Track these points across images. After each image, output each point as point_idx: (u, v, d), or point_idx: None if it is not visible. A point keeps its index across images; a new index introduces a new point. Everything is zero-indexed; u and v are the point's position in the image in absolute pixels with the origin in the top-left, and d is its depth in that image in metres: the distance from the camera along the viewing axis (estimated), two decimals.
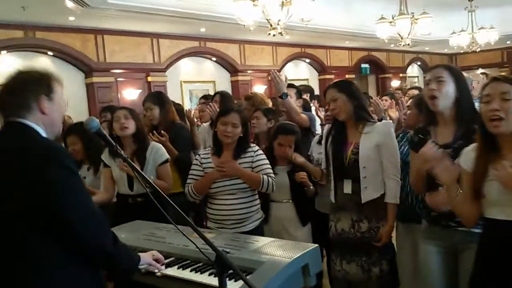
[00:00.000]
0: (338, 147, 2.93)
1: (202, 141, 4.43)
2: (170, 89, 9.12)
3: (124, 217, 3.07)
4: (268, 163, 3.06)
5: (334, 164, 2.94)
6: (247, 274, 1.93)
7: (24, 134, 1.74)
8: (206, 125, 4.50)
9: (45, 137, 1.77)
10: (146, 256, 2.05)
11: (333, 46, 12.49)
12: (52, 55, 7.94)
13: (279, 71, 10.86)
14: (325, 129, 3.16)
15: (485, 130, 1.98)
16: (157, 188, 1.80)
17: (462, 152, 2.12)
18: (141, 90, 8.63)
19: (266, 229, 3.30)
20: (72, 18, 7.06)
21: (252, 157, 3.02)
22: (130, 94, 8.53)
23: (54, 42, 7.60)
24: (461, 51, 12.59)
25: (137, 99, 8.33)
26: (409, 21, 7.93)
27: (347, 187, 2.87)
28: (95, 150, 3.55)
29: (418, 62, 16.39)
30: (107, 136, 1.93)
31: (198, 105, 5.48)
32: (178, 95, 9.46)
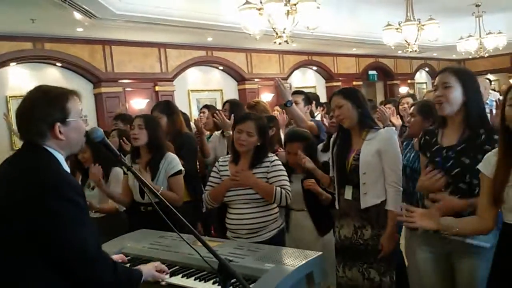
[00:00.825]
0: (341, 154, 2.93)
1: (213, 149, 4.42)
2: (177, 98, 9.16)
3: (136, 224, 3.10)
4: (285, 175, 2.99)
5: (337, 170, 2.95)
6: (251, 283, 1.93)
7: (36, 158, 1.72)
8: (217, 133, 4.50)
9: (55, 164, 1.72)
10: (148, 269, 2.03)
11: (340, 53, 12.48)
12: (60, 66, 8.01)
13: (286, 79, 11.03)
14: (333, 136, 3.15)
15: (507, 133, 1.95)
16: (160, 197, 1.81)
17: (484, 157, 2.09)
18: (149, 100, 8.68)
19: (287, 236, 3.29)
20: (80, 30, 7.14)
21: (268, 167, 2.97)
22: (138, 103, 8.58)
23: (62, 53, 7.67)
24: (469, 57, 12.52)
25: (145, 109, 8.37)
26: (415, 27, 7.91)
27: (348, 193, 2.87)
28: (105, 159, 3.58)
29: (426, 68, 16.33)
30: (111, 145, 1.95)
31: (200, 114, 5.49)
32: (185, 104, 9.50)
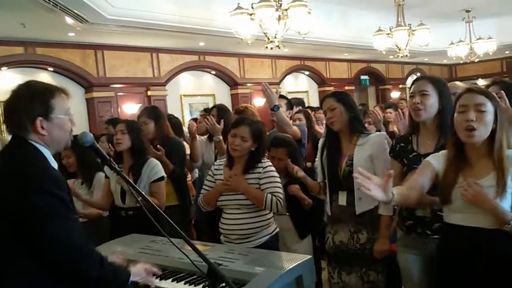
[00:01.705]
0: (333, 159, 2.93)
1: (200, 154, 4.43)
2: (170, 103, 9.17)
3: (117, 229, 3.11)
4: (277, 181, 2.95)
5: (329, 176, 2.95)
6: (240, 286, 1.94)
7: (21, 152, 1.74)
8: (204, 138, 4.51)
9: (41, 159, 1.74)
10: (138, 270, 2.02)
11: (332, 58, 12.54)
12: (52, 71, 7.99)
13: (279, 84, 11.05)
14: (320, 141, 3.17)
15: (457, 138, 2.05)
16: (151, 201, 1.82)
17: (435, 154, 2.21)
18: (141, 104, 8.66)
19: None
20: (72, 34, 7.13)
21: (260, 173, 2.93)
22: (131, 108, 8.57)
23: (54, 58, 7.66)
24: (460, 62, 12.65)
25: (137, 113, 8.35)
26: (406, 32, 7.96)
27: (342, 199, 2.88)
28: (89, 164, 3.58)
29: (418, 73, 16.40)
30: (101, 149, 1.96)
31: (199, 118, 5.52)
32: (178, 109, 9.50)
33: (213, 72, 10.42)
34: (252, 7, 5.57)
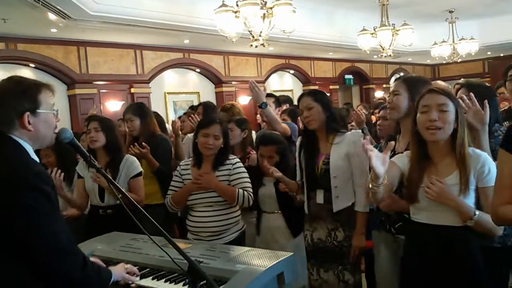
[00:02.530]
0: (310, 158, 2.95)
1: (186, 152, 4.41)
2: (154, 100, 9.10)
3: (95, 228, 3.07)
4: (246, 177, 3.02)
5: (307, 174, 2.96)
6: (222, 284, 1.94)
7: (4, 149, 1.70)
8: (190, 136, 4.49)
9: (24, 155, 1.70)
10: (118, 270, 2.01)
11: (317, 57, 12.57)
12: (34, 67, 7.88)
13: (264, 82, 11.05)
14: (298, 140, 3.18)
15: (419, 137, 2.11)
16: (131, 198, 1.80)
17: (399, 155, 2.27)
18: (124, 102, 8.59)
19: (257, 239, 3.32)
20: (54, 30, 7.03)
21: (229, 169, 2.99)
22: (113, 105, 8.49)
23: (36, 54, 7.55)
24: (443, 62, 12.78)
25: (120, 111, 8.26)
26: (390, 32, 8.03)
27: (320, 197, 2.90)
28: (69, 162, 3.54)
29: (401, 73, 16.53)
30: (81, 147, 1.92)
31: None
32: (162, 107, 9.44)
33: (197, 69, 10.38)
34: (237, 5, 5.55)
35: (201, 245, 2.53)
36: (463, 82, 2.80)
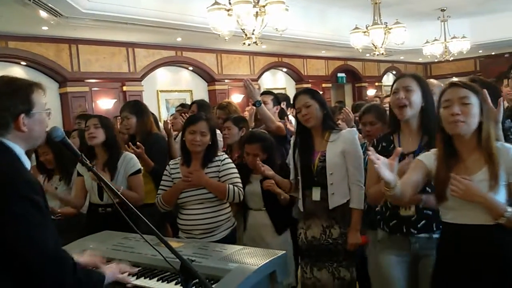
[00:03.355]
0: (306, 156, 2.95)
1: (179, 150, 4.38)
2: (146, 98, 9.04)
3: (95, 226, 3.04)
4: (236, 173, 3.03)
5: (302, 172, 2.97)
6: (214, 283, 1.93)
7: None
8: None
9: (15, 160, 1.66)
10: (112, 272, 1.97)
11: (309, 55, 12.60)
12: (25, 65, 7.83)
13: (257, 80, 11.05)
14: (292, 139, 3.18)
15: (445, 134, 2.05)
16: (122, 197, 1.79)
17: (426, 153, 2.17)
18: (116, 100, 8.57)
19: (243, 236, 3.31)
20: (45, 28, 6.99)
21: (218, 166, 3.00)
22: (105, 103, 8.46)
23: (27, 52, 7.51)
24: (435, 60, 12.85)
25: (112, 109, 8.28)
26: (382, 31, 8.06)
27: (316, 195, 2.90)
28: (67, 160, 3.51)
29: (394, 71, 16.62)
30: (72, 145, 1.91)
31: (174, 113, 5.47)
32: (154, 105, 9.42)
33: (190, 67, 10.36)
34: (229, 3, 5.55)
35: (193, 243, 2.52)
36: (475, 78, 2.78)
